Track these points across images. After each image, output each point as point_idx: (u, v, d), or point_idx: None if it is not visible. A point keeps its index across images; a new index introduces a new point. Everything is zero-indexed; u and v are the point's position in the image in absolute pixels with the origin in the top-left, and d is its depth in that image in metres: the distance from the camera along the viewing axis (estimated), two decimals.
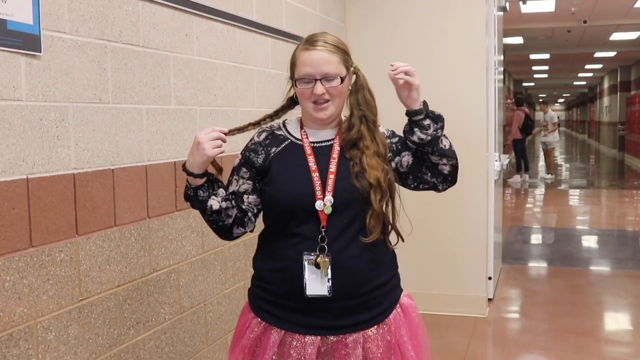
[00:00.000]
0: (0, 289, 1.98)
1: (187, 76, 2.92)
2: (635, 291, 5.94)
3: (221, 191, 2.03)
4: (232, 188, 2.08)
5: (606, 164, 21.44)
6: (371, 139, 1.98)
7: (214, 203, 2.01)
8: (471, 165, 5.01)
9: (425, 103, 2.03)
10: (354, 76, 2.04)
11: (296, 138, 2.04)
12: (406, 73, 1.96)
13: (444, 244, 5.12)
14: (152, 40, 2.67)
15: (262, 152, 2.05)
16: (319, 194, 1.95)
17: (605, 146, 26.27)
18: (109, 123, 2.43)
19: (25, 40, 2.03)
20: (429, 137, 2.00)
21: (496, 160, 5.30)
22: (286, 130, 2.08)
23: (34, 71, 2.09)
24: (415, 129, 2.00)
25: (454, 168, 2.08)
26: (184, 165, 2.00)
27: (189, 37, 2.93)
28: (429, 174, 2.07)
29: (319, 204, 1.94)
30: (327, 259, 1.93)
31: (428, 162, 2.05)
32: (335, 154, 2.00)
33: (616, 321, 5.26)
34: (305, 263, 1.94)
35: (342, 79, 1.97)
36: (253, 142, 2.10)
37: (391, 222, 2.04)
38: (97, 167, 2.37)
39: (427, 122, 2.00)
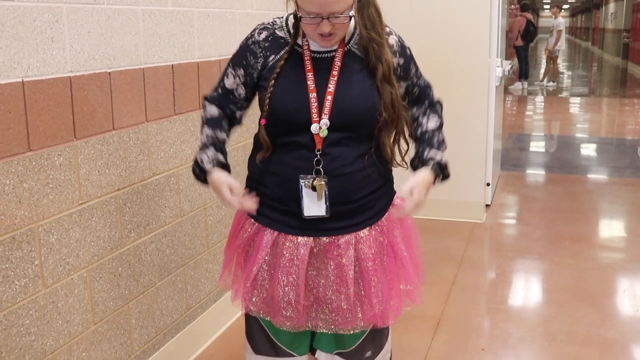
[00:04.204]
0: (1, 192, 1.99)
1: None
2: (632, 199, 6.00)
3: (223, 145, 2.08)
4: (227, 83, 2.03)
5: (609, 72, 21.23)
6: (378, 59, 1.88)
7: (220, 157, 2.06)
8: (472, 70, 4.96)
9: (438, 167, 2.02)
10: None
11: (297, 43, 1.93)
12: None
13: None
14: None
15: (261, 55, 1.95)
16: (315, 116, 1.89)
17: (608, 54, 25.95)
18: (105, 25, 2.38)
19: None
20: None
21: (498, 66, 5.24)
22: (288, 30, 1.96)
23: None
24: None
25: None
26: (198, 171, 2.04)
27: None
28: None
29: (314, 127, 1.89)
30: (323, 182, 1.91)
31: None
32: (335, 70, 1.91)
33: (611, 228, 5.33)
34: (302, 186, 1.92)
35: (350, 16, 1.85)
36: (253, 40, 1.97)
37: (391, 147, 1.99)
38: (93, 70, 2.34)
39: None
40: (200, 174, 2.03)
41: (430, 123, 2.07)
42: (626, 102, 13.67)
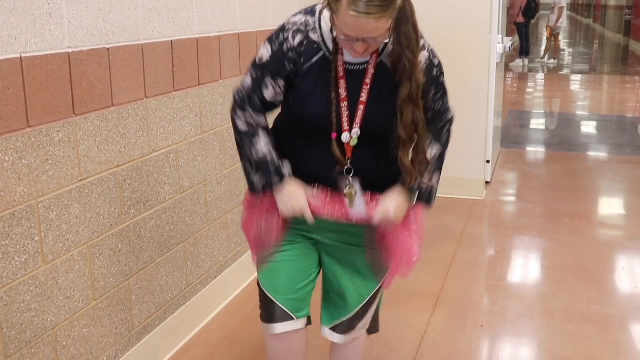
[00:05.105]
0: (0, 169, 1.98)
1: None
2: (631, 176, 6.00)
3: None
4: (267, 95, 1.93)
5: (610, 50, 21.13)
6: (407, 78, 1.82)
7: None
8: (473, 47, 4.94)
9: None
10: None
11: (329, 51, 1.88)
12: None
13: None
14: None
15: (298, 62, 1.89)
16: (345, 125, 1.88)
17: (610, 31, 25.78)
18: (103, 0, 2.36)
19: None
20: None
21: (499, 43, 5.21)
22: (321, 34, 1.89)
23: None
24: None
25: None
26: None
27: None
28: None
29: (345, 137, 1.89)
30: (353, 192, 1.93)
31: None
32: (368, 79, 1.89)
33: (611, 205, 5.33)
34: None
35: (386, 42, 1.82)
36: (289, 45, 1.88)
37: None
38: (92, 45, 2.32)
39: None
40: (275, 179, 1.96)
41: (429, 151, 2.00)
42: (627, 80, 13.62)
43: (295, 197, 1.95)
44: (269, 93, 1.93)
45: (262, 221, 2.06)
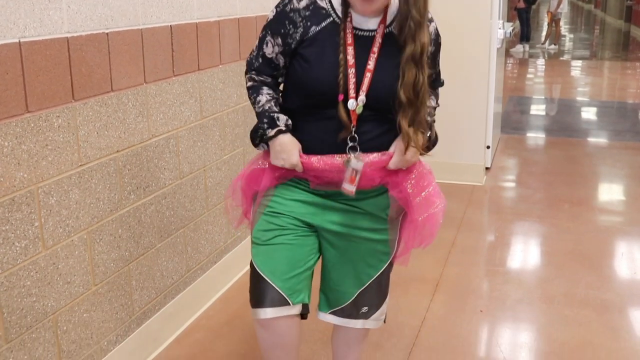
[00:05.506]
0: None
1: None
2: (632, 162, 5.99)
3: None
4: (267, 51, 1.97)
5: (611, 35, 21.06)
6: (411, 38, 1.84)
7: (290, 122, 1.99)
8: (474, 32, 4.92)
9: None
10: None
11: (338, 16, 1.91)
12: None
13: (443, 112, 5.02)
14: None
15: (301, 25, 1.90)
16: (352, 92, 1.88)
17: (611, 17, 25.69)
18: None
19: None
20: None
21: (499, 29, 5.19)
22: (330, 1, 1.92)
23: None
24: None
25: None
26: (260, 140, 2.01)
27: None
28: None
29: (351, 104, 1.88)
30: (350, 166, 1.92)
31: None
32: (376, 47, 1.90)
33: (610, 191, 5.33)
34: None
35: None
36: (292, 7, 1.91)
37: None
38: (91, 30, 2.31)
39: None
40: (267, 130, 1.96)
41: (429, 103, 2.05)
42: (628, 66, 13.58)
43: (285, 148, 1.95)
44: (268, 49, 1.96)
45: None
